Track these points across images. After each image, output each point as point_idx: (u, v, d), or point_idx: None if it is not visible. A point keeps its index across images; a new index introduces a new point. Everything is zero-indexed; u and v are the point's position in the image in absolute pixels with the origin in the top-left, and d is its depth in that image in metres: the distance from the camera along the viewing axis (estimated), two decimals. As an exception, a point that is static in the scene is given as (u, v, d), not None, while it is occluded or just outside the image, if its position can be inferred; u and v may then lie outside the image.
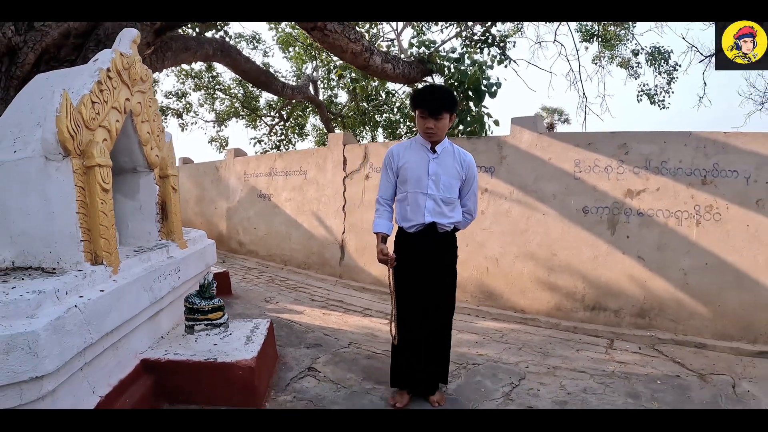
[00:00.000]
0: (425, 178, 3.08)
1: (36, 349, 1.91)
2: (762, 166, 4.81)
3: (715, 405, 3.43)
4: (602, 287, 5.41)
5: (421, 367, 3.17)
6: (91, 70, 2.84)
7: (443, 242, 3.19)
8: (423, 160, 3.11)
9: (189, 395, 3.00)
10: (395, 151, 3.22)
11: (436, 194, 3.08)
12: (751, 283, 4.85)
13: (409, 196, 3.12)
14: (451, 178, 3.12)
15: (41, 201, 2.54)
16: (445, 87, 3.32)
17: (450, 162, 3.13)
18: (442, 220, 3.11)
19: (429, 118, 2.99)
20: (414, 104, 3.11)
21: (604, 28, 11.74)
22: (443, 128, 3.06)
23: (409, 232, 3.15)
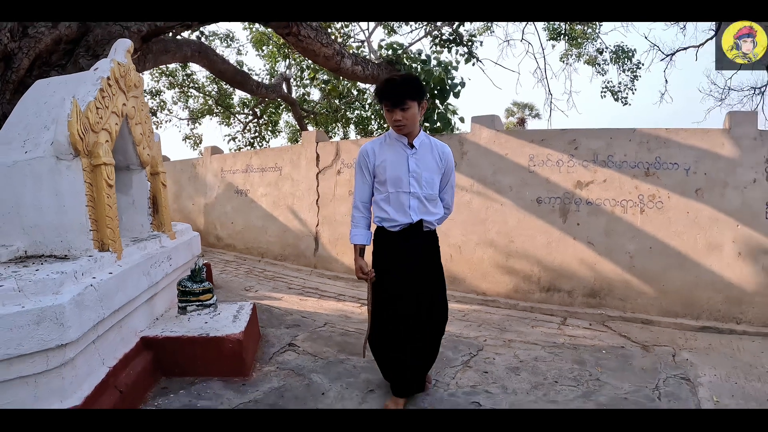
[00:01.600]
0: (406, 176, 2.86)
1: (62, 319, 2.22)
2: (701, 158, 5.31)
3: (654, 371, 3.84)
4: (556, 270, 5.88)
5: (418, 373, 3.07)
6: (93, 78, 3.11)
7: (429, 240, 3.04)
8: (401, 157, 2.88)
9: (184, 368, 3.31)
10: (369, 150, 2.97)
11: (419, 192, 2.88)
12: (692, 265, 5.36)
13: (392, 196, 2.89)
14: (432, 173, 2.93)
15: (53, 196, 2.82)
16: (407, 74, 3.11)
17: (429, 156, 2.93)
18: (428, 217, 2.93)
19: (395, 110, 2.76)
20: (378, 99, 2.88)
21: (571, 27, 12.04)
22: (412, 118, 2.80)
23: (392, 231, 2.93)
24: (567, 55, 13.31)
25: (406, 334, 2.90)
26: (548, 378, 3.61)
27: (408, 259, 2.91)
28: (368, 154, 2.96)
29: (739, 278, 5.24)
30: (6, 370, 2.16)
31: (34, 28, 4.43)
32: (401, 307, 2.88)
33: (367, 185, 3.00)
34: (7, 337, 2.10)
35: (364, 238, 3.01)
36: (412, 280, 2.90)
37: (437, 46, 9.81)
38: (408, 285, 2.89)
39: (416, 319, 2.91)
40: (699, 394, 3.43)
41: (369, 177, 2.98)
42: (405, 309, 2.88)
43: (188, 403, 2.95)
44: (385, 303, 2.94)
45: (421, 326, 2.94)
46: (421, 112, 2.87)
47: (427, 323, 2.97)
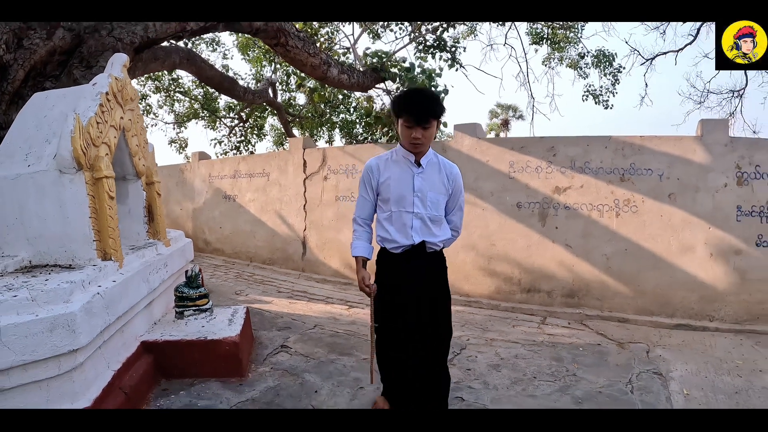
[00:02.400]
0: (410, 195, 2.73)
1: (74, 326, 2.35)
2: (673, 164, 5.57)
3: (628, 367, 4.06)
4: (536, 272, 6.10)
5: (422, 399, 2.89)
6: (93, 93, 3.23)
7: (434, 261, 2.86)
8: (407, 175, 2.74)
9: (184, 370, 3.44)
10: (374, 166, 2.83)
11: (423, 212, 2.73)
12: (666, 266, 5.62)
13: (394, 215, 2.76)
14: (438, 194, 2.77)
15: (57, 208, 2.94)
16: (431, 91, 2.88)
17: (436, 176, 2.78)
18: (431, 239, 2.77)
19: (416, 128, 2.58)
20: (397, 111, 2.67)
21: (553, 31, 12.17)
22: (430, 138, 2.67)
23: (395, 253, 2.80)
24: (549, 59, 13.42)
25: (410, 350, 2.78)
26: (527, 374, 3.81)
27: (410, 279, 2.76)
28: (372, 170, 2.83)
29: (711, 278, 5.49)
30: (21, 375, 2.28)
31: (29, 39, 4.51)
32: (402, 323, 2.76)
33: (369, 202, 2.88)
34: (23, 344, 2.22)
35: (365, 250, 2.87)
36: (414, 299, 2.75)
37: (421, 52, 10.01)
38: (410, 303, 2.75)
39: (420, 335, 2.78)
40: (670, 387, 3.65)
41: (372, 194, 2.85)
42: (406, 325, 2.76)
43: (189, 403, 3.09)
44: (387, 320, 2.81)
45: (424, 342, 2.80)
46: (437, 131, 2.78)
47: (431, 337, 2.83)
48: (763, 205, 5.40)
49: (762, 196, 5.40)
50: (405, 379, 2.88)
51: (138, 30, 4.82)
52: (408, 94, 2.73)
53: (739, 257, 5.44)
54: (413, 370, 2.82)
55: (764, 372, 4.06)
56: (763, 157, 5.41)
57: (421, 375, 2.84)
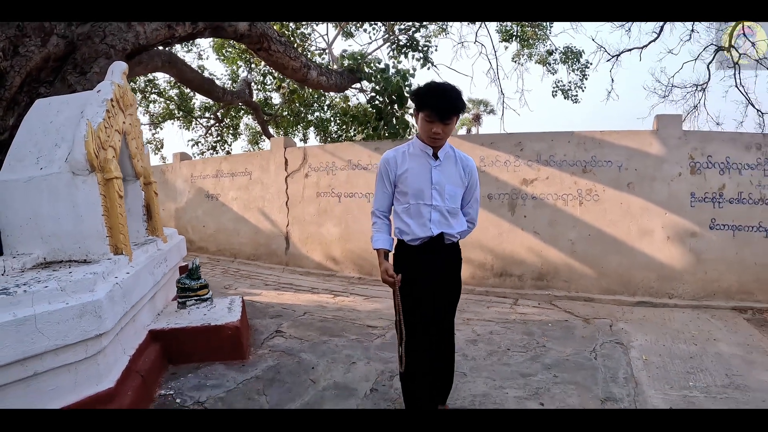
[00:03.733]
0: (428, 188, 2.71)
1: (100, 312, 2.59)
2: (632, 156, 5.98)
3: (593, 338, 4.44)
4: (507, 258, 6.48)
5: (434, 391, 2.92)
6: (99, 100, 3.44)
7: (451, 254, 2.87)
8: (425, 168, 2.72)
9: (189, 355, 3.69)
10: (392, 158, 2.81)
11: (441, 205, 2.72)
12: (627, 249, 6.03)
13: (412, 208, 2.74)
14: (455, 186, 2.77)
15: (70, 207, 3.15)
16: (453, 86, 2.69)
17: (453, 169, 2.78)
18: (449, 230, 2.76)
19: (437, 123, 2.57)
20: (420, 105, 2.63)
21: (522, 28, 12.38)
22: (450, 133, 2.65)
23: (412, 245, 2.77)
24: (519, 56, 13.65)
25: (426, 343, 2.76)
26: (502, 347, 4.17)
27: (427, 272, 2.75)
28: (390, 163, 2.80)
29: (669, 259, 5.91)
30: (53, 360, 2.50)
31: (25, 46, 4.64)
32: (420, 316, 2.72)
33: (387, 194, 2.85)
34: (55, 330, 2.45)
35: (386, 242, 2.84)
36: (430, 293, 2.74)
37: (395, 52, 10.30)
38: (426, 296, 2.73)
39: (435, 327, 2.82)
40: (630, 354, 4.03)
41: (390, 186, 2.83)
42: (423, 318, 2.73)
43: (198, 384, 3.33)
44: (412, 313, 2.74)
45: (441, 335, 2.88)
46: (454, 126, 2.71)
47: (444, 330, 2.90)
48: (715, 191, 5.83)
49: (714, 183, 5.83)
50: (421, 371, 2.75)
51: (129, 37, 4.98)
52: (432, 88, 2.64)
53: (694, 239, 5.86)
54: (429, 363, 2.78)
55: (718, 341, 4.46)
56: (714, 148, 5.84)
57: (437, 368, 2.87)
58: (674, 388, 3.44)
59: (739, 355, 4.10)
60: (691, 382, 3.55)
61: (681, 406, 3.15)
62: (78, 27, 4.90)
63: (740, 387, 3.46)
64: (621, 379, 3.58)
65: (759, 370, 3.76)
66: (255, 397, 3.21)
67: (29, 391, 2.45)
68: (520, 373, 3.64)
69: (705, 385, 3.51)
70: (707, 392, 3.39)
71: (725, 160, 5.81)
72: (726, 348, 4.27)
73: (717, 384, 3.52)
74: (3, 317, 2.28)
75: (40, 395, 2.49)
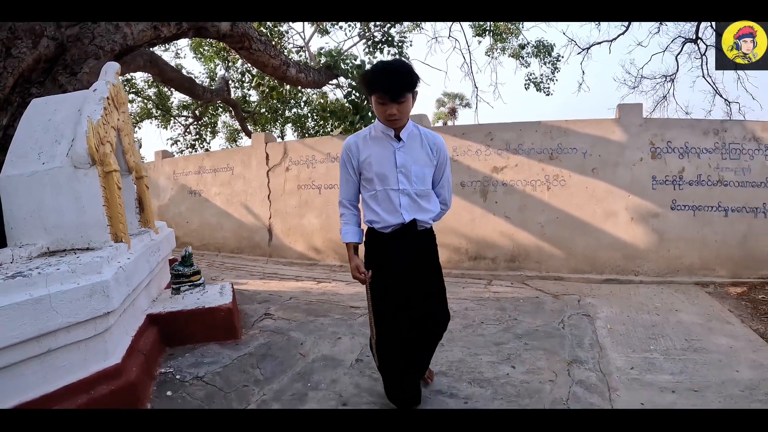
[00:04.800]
0: (393, 171, 2.59)
1: (108, 292, 2.81)
2: (595, 143, 6.34)
3: (561, 312, 4.78)
4: (480, 242, 6.81)
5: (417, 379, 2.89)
6: (96, 98, 3.64)
7: (425, 240, 2.76)
8: (387, 151, 2.60)
9: (185, 337, 3.90)
10: (353, 144, 2.69)
11: (409, 188, 2.60)
12: (593, 230, 6.40)
13: (379, 194, 2.63)
14: (422, 167, 2.63)
15: (73, 199, 3.36)
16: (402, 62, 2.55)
17: (419, 149, 2.63)
18: (422, 216, 2.65)
19: (390, 104, 2.43)
20: (369, 88, 2.51)
21: (495, 24, 12.58)
22: (407, 111, 2.51)
23: (384, 233, 2.67)
24: (492, 50, 13.93)
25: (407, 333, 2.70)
26: (476, 320, 4.49)
27: (398, 258, 2.66)
28: (351, 149, 2.69)
29: (633, 239, 6.28)
30: (65, 336, 2.71)
31: (17, 48, 4.78)
32: (390, 301, 2.69)
33: (352, 183, 2.75)
34: (68, 309, 2.66)
35: (355, 235, 2.78)
36: (406, 279, 2.67)
37: (370, 48, 10.55)
38: (397, 282, 2.67)
39: (412, 314, 2.70)
40: (596, 324, 4.37)
41: (354, 174, 2.72)
42: (399, 305, 2.67)
43: (195, 362, 3.56)
44: (381, 300, 2.74)
45: (418, 322, 2.74)
46: (413, 102, 2.56)
47: (428, 321, 2.79)
48: (675, 175, 6.21)
49: (674, 167, 6.21)
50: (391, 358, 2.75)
51: (117, 38, 5.15)
52: (379, 69, 2.51)
53: (656, 220, 6.24)
54: (400, 350, 2.71)
55: (680, 311, 4.82)
56: (673, 134, 6.21)
57: (408, 355, 2.75)
58: (636, 352, 3.77)
59: (699, 323, 4.44)
60: (652, 346, 3.88)
61: (642, 367, 3.48)
62: (67, 29, 5.05)
63: (698, 350, 3.79)
64: (587, 344, 3.91)
65: (717, 335, 4.10)
66: (249, 370, 3.46)
67: (44, 367, 2.65)
68: (493, 342, 3.95)
69: (665, 348, 3.85)
70: (667, 354, 3.71)
71: (684, 145, 6.19)
72: (687, 317, 4.61)
73: (677, 347, 3.85)
74: (21, 297, 2.48)
75: (54, 370, 2.69)
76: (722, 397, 2.99)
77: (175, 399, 3.05)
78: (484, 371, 3.42)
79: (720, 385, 3.17)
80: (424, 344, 2.86)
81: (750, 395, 3.00)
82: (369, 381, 3.28)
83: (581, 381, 3.25)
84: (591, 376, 3.32)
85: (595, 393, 3.08)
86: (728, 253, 6.14)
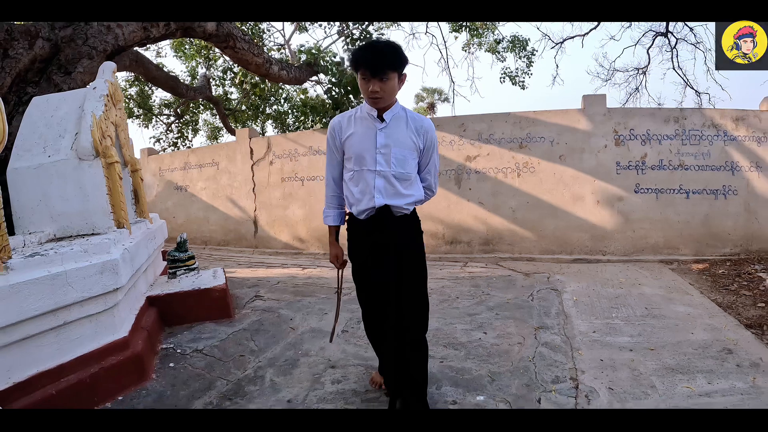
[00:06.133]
0: (371, 152, 2.48)
1: (117, 269, 3.09)
2: (562, 132, 6.72)
3: (531, 287, 5.16)
4: (456, 227, 7.19)
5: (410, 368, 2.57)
6: (96, 95, 3.89)
7: (403, 227, 2.56)
8: (369, 131, 2.50)
9: (182, 317, 4.19)
10: (337, 124, 2.63)
11: (387, 170, 2.48)
12: (562, 213, 6.79)
13: (355, 175, 2.54)
14: (404, 149, 2.50)
15: (78, 189, 3.62)
16: (390, 42, 2.51)
17: (403, 131, 2.51)
18: (397, 201, 2.50)
19: (372, 80, 2.37)
20: (354, 65, 2.44)
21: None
22: (391, 91, 2.42)
23: (360, 220, 2.57)
24: (469, 45, 13.98)
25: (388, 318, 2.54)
26: (452, 296, 4.86)
27: (377, 248, 2.54)
28: (335, 128, 2.62)
29: (600, 220, 6.69)
30: (79, 311, 2.99)
31: (14, 49, 4.98)
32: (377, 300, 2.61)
33: (336, 162, 2.69)
34: (82, 284, 2.94)
35: (336, 218, 2.77)
36: (384, 270, 2.52)
37: (349, 45, 10.84)
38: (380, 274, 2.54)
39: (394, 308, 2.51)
40: (563, 297, 4.75)
41: (338, 153, 2.65)
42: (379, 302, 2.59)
43: (194, 338, 3.85)
44: (361, 290, 2.73)
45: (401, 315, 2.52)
46: (400, 84, 2.49)
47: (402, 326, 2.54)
48: (638, 160, 6.63)
49: (636, 153, 6.63)
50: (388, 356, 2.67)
51: (109, 39, 5.38)
52: (364, 46, 2.47)
53: (621, 202, 6.66)
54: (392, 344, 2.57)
55: (643, 285, 5.22)
56: (635, 122, 6.63)
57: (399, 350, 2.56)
58: (599, 318, 4.16)
59: (659, 294, 4.84)
60: (614, 314, 4.27)
61: (603, 331, 3.86)
62: (61, 30, 5.28)
63: (657, 316, 4.17)
64: (553, 313, 4.29)
65: (676, 304, 4.49)
66: (245, 342, 3.77)
67: (59, 339, 2.92)
68: (467, 314, 4.31)
69: (626, 315, 4.23)
70: (627, 320, 4.09)
71: (646, 132, 6.61)
72: (649, 290, 5.01)
73: (637, 315, 4.23)
74: (40, 273, 2.75)
75: (68, 342, 2.96)
76: (676, 355, 3.35)
77: (178, 369, 3.33)
78: (459, 337, 3.77)
79: (675, 344, 3.53)
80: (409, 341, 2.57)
81: (702, 353, 3.36)
82: (354, 347, 3.62)
83: (547, 343, 3.62)
84: (556, 339, 3.70)
85: (559, 352, 3.45)
86: (691, 232, 6.58)
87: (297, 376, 3.17)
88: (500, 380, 3.04)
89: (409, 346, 2.54)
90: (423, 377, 2.61)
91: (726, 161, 6.48)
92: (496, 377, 3.08)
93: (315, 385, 3.04)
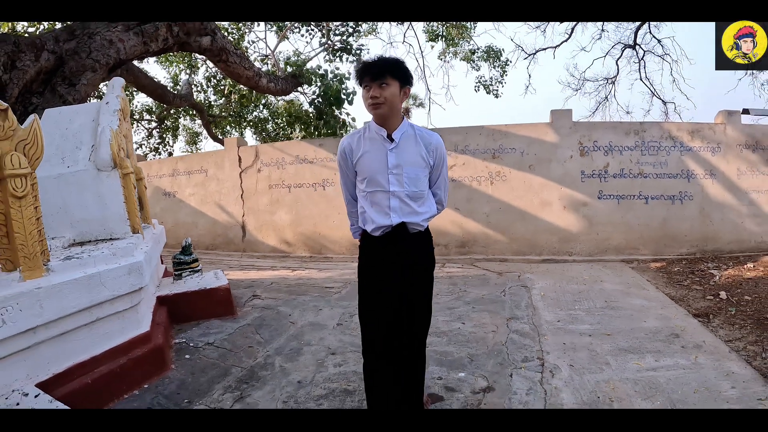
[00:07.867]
0: (384, 174, 2.42)
1: (141, 270, 3.44)
2: (531, 144, 7.25)
3: (503, 285, 5.63)
4: (434, 231, 7.33)
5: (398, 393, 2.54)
6: (110, 110, 4.24)
7: (417, 244, 2.54)
8: (380, 152, 2.44)
9: (189, 315, 4.54)
10: (347, 145, 2.54)
11: (400, 190, 2.43)
12: (531, 218, 7.31)
13: (369, 196, 2.48)
14: (416, 168, 2.45)
15: (96, 197, 3.97)
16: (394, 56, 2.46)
17: (413, 149, 2.45)
18: (413, 219, 2.46)
19: (372, 85, 2.32)
20: (359, 77, 2.39)
21: (448, 29, 13.04)
22: (391, 99, 2.34)
23: (374, 236, 2.50)
24: (444, 54, 14.31)
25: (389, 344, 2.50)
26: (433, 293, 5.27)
27: (390, 266, 2.49)
28: (345, 151, 2.55)
29: (566, 224, 7.22)
30: (109, 308, 3.31)
31: (21, 61, 5.18)
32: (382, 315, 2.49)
33: (350, 182, 2.65)
34: (113, 284, 3.28)
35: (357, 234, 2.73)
36: (394, 288, 2.47)
37: (331, 56, 11.25)
38: (389, 293, 2.48)
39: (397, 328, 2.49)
40: (532, 292, 5.23)
41: (351, 174, 2.60)
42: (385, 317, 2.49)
43: (203, 333, 4.20)
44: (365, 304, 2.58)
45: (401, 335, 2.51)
46: (403, 98, 2.43)
47: (407, 333, 2.53)
48: (601, 169, 7.18)
49: (599, 163, 7.18)
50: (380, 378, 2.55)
51: (111, 52, 5.67)
52: (367, 59, 2.44)
53: (586, 208, 7.20)
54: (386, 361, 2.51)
55: (604, 281, 5.73)
56: (598, 135, 7.19)
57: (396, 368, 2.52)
58: (563, 310, 4.65)
59: (619, 289, 5.34)
60: (576, 306, 4.76)
61: (566, 320, 4.34)
62: (65, 43, 5.55)
63: (615, 308, 4.67)
64: (523, 306, 4.78)
65: (633, 298, 5.00)
66: (251, 335, 4.16)
67: (92, 333, 3.25)
68: (447, 307, 4.78)
69: (587, 307, 4.72)
70: (588, 311, 4.58)
71: (608, 143, 7.17)
72: (610, 286, 5.51)
73: (597, 307, 4.73)
74: (78, 274, 3.09)
75: (99, 337, 3.28)
76: (629, 339, 3.83)
77: (194, 360, 3.69)
78: (440, 327, 4.22)
79: (629, 330, 4.03)
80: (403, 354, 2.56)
81: (653, 337, 3.86)
82: (350, 337, 4.03)
83: (517, 330, 4.10)
84: (525, 327, 4.18)
85: (527, 338, 3.93)
86: (650, 234, 7.15)
87: (303, 362, 3.58)
88: (478, 360, 3.52)
89: (414, 354, 2.58)
90: (421, 383, 2.67)
91: (682, 169, 7.06)
92: (475, 358, 3.55)
93: (320, 368, 3.45)
